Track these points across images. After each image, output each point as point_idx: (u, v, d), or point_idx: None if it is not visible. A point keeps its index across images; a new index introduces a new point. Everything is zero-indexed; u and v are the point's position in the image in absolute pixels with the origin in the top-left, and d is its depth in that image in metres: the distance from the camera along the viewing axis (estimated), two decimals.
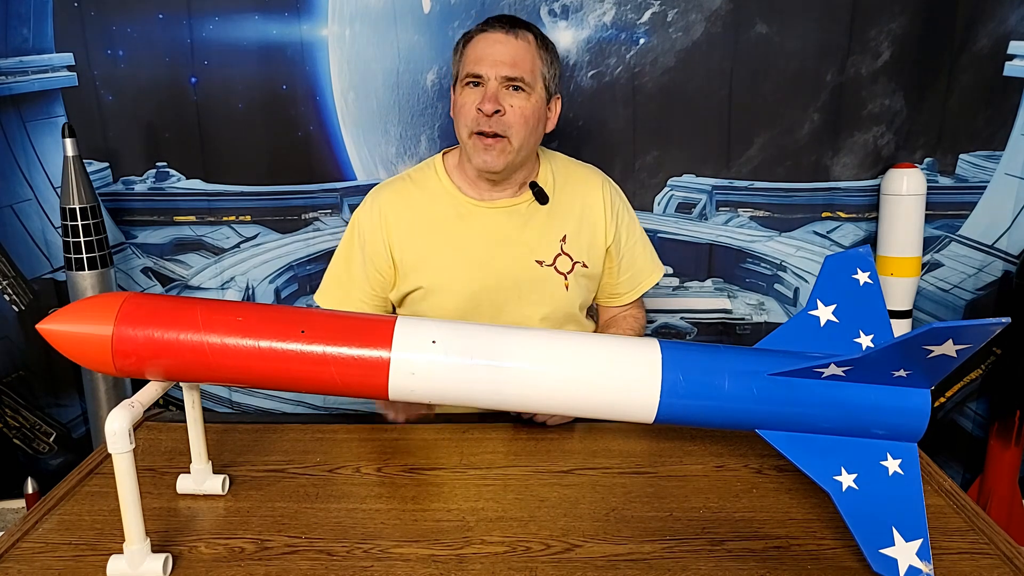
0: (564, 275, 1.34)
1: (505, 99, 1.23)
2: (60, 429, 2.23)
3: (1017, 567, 0.80)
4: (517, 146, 1.25)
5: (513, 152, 1.25)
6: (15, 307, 2.12)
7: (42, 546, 0.86)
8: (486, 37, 1.25)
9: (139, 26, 1.95)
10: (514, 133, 1.24)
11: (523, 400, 0.86)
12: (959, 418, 2.23)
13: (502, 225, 1.33)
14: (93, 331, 0.80)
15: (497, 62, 1.23)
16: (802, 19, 1.95)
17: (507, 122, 1.23)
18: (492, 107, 1.22)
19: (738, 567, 0.82)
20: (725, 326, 2.17)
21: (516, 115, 1.23)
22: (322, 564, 0.82)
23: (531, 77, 1.24)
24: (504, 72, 1.23)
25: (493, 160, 1.25)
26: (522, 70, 1.23)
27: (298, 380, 0.83)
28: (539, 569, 0.81)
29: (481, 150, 1.25)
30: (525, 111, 1.24)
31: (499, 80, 1.23)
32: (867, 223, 2.09)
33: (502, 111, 1.23)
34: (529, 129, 1.26)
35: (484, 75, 1.23)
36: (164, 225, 2.10)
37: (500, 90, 1.23)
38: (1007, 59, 1.96)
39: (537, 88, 1.26)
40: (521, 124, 1.24)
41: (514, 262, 1.32)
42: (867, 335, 0.88)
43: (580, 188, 1.37)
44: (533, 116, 1.26)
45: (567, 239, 1.34)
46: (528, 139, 1.27)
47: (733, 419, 0.85)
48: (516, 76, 1.23)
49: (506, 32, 1.24)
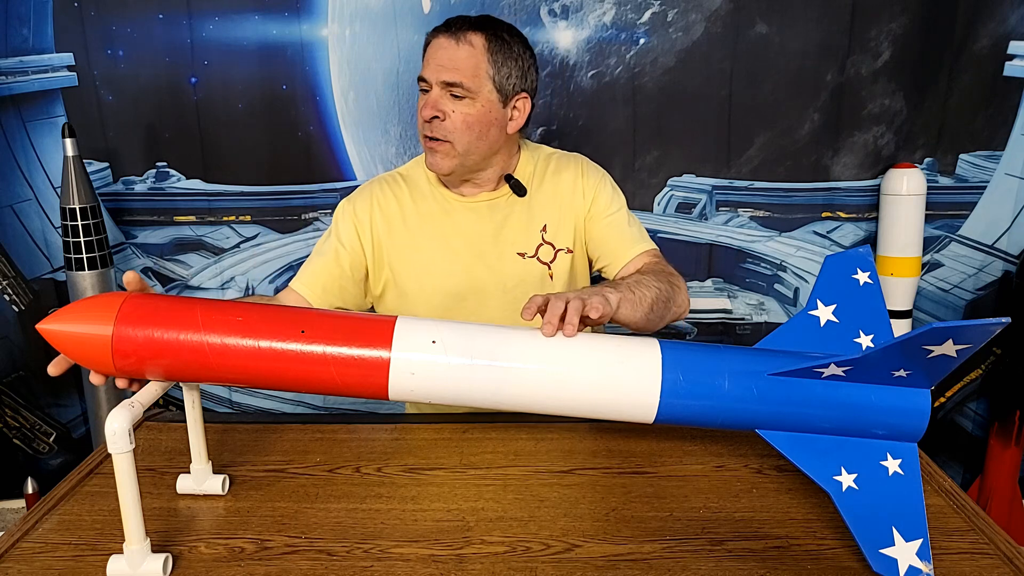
0: (547, 264, 1.34)
1: (446, 104, 1.23)
2: (60, 429, 2.23)
3: (1017, 567, 0.80)
4: (462, 150, 1.25)
5: (459, 155, 1.26)
6: (15, 307, 2.12)
7: (42, 546, 0.86)
8: (434, 43, 1.25)
9: (139, 26, 1.95)
10: (456, 138, 1.24)
11: (523, 400, 0.86)
12: (959, 418, 2.23)
13: (484, 219, 1.34)
14: (93, 331, 0.80)
15: (437, 67, 1.23)
16: (802, 19, 1.95)
17: (447, 128, 1.24)
18: (429, 113, 1.23)
19: (738, 567, 0.82)
20: (725, 326, 2.17)
21: (457, 121, 1.23)
22: (322, 564, 0.82)
23: (472, 82, 1.23)
24: (443, 77, 1.22)
25: (438, 162, 1.27)
26: (462, 75, 1.22)
27: (298, 380, 0.83)
28: (539, 569, 0.81)
29: (428, 153, 1.28)
30: (468, 117, 1.24)
31: (439, 85, 1.23)
32: (867, 223, 2.09)
33: (441, 116, 1.23)
34: (474, 134, 1.25)
35: (428, 79, 1.24)
36: (164, 225, 2.11)
37: (441, 96, 1.23)
38: (1007, 59, 1.96)
39: (483, 92, 1.24)
40: (463, 130, 1.24)
41: (497, 255, 1.33)
42: (867, 335, 0.88)
43: (560, 175, 1.37)
44: (477, 121, 1.25)
45: (547, 228, 1.34)
46: (476, 143, 1.26)
47: (733, 419, 0.85)
48: (454, 81, 1.22)
49: (449, 37, 1.24)
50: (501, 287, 1.33)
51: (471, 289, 1.33)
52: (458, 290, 1.33)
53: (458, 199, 1.35)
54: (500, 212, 1.35)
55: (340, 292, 1.33)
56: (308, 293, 1.30)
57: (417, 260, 1.33)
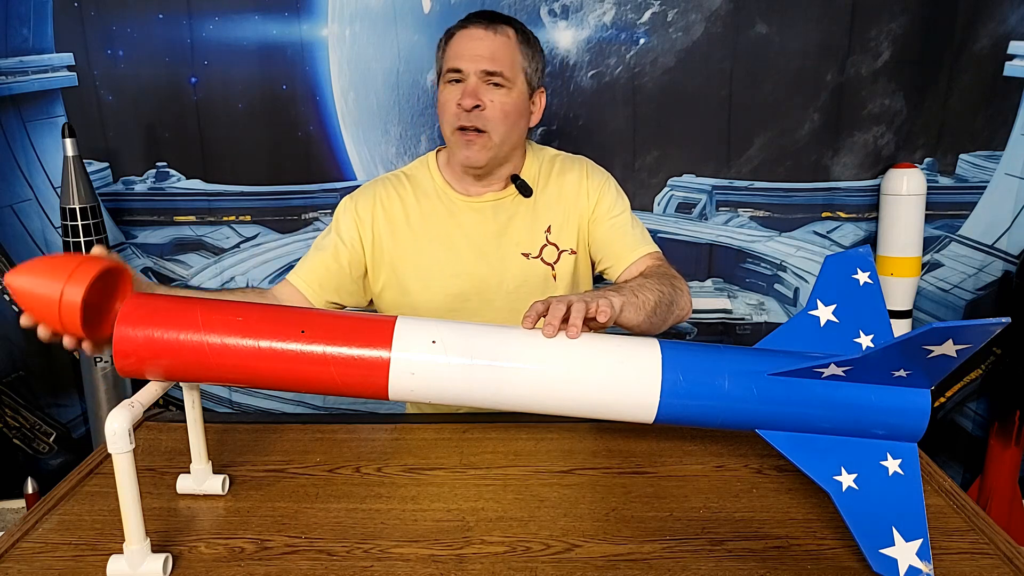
0: (551, 265, 1.34)
1: (485, 94, 1.24)
2: (60, 429, 2.23)
3: (1017, 567, 0.80)
4: (498, 141, 1.26)
5: (495, 147, 1.26)
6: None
7: (42, 546, 0.86)
8: (466, 33, 1.26)
9: (139, 26, 1.95)
10: (494, 128, 1.25)
11: (523, 400, 0.86)
12: (959, 418, 2.23)
13: (488, 220, 1.34)
14: (46, 290, 0.79)
15: (476, 57, 1.23)
16: (802, 19, 1.95)
17: (487, 117, 1.24)
18: (471, 102, 1.22)
19: (738, 567, 0.82)
20: (725, 326, 2.17)
21: (496, 110, 1.24)
22: (322, 564, 0.82)
23: (510, 72, 1.25)
24: (483, 67, 1.23)
25: (475, 155, 1.26)
26: (501, 65, 1.24)
27: (298, 380, 0.83)
28: (539, 569, 0.81)
29: (463, 145, 1.26)
30: (505, 106, 1.25)
31: (478, 75, 1.24)
32: (867, 223, 2.09)
33: (482, 106, 1.23)
34: (510, 124, 1.26)
35: (464, 70, 1.24)
36: (164, 225, 2.11)
37: (480, 85, 1.24)
38: (1007, 59, 1.96)
39: (518, 83, 1.27)
40: (501, 119, 1.25)
41: (501, 256, 1.33)
42: (867, 335, 0.88)
43: (564, 177, 1.37)
44: (514, 111, 1.26)
45: (552, 229, 1.35)
46: (509, 133, 1.27)
47: (733, 419, 0.85)
48: (495, 71, 1.23)
49: (485, 28, 1.25)
50: (504, 287, 1.33)
51: (474, 289, 1.33)
52: (461, 290, 1.33)
53: (463, 199, 1.34)
54: (505, 212, 1.34)
55: (337, 289, 1.32)
56: (305, 287, 1.30)
57: (421, 260, 1.33)
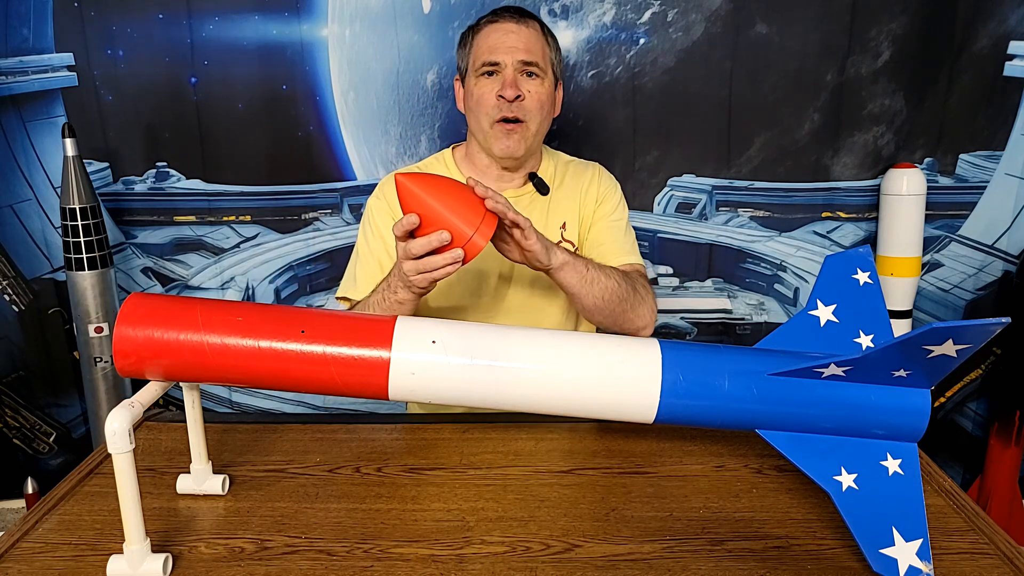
0: None
1: (523, 85, 1.27)
2: (60, 429, 2.23)
3: (1017, 567, 0.80)
4: (534, 130, 1.30)
5: (531, 136, 1.30)
6: (15, 307, 2.12)
7: (42, 546, 0.86)
8: (498, 27, 1.29)
9: (139, 26, 1.95)
10: (532, 117, 1.28)
11: (523, 400, 0.86)
12: (959, 418, 2.23)
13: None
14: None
15: (512, 48, 1.27)
16: (802, 19, 1.95)
17: (526, 107, 1.27)
18: (514, 92, 1.25)
19: (738, 567, 0.82)
20: (725, 326, 2.17)
21: (534, 100, 1.28)
22: (322, 564, 0.82)
23: (543, 62, 1.29)
24: (520, 57, 1.26)
25: (515, 146, 1.29)
26: (535, 55, 1.28)
27: (298, 380, 0.83)
28: (539, 569, 0.81)
29: (503, 136, 1.28)
30: (541, 96, 1.29)
31: (516, 66, 1.27)
32: (867, 223, 2.09)
33: (522, 96, 1.27)
34: (544, 114, 1.31)
35: (501, 62, 1.27)
36: (164, 225, 2.11)
37: (517, 76, 1.27)
38: (1007, 59, 1.96)
39: (548, 74, 1.31)
40: (537, 109, 1.29)
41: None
42: (867, 335, 0.88)
43: (578, 179, 1.40)
44: (548, 101, 1.31)
45: (567, 226, 1.37)
46: (543, 124, 1.32)
47: (733, 419, 0.85)
48: (532, 61, 1.27)
49: (516, 21, 1.29)
50: (519, 283, 1.35)
51: (489, 285, 1.34)
52: (475, 286, 1.34)
53: None
54: (522, 209, 1.35)
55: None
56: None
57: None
